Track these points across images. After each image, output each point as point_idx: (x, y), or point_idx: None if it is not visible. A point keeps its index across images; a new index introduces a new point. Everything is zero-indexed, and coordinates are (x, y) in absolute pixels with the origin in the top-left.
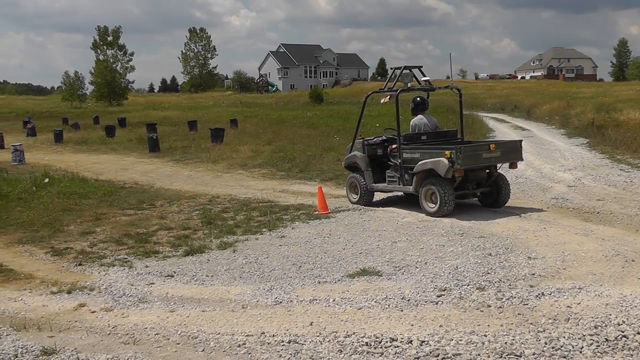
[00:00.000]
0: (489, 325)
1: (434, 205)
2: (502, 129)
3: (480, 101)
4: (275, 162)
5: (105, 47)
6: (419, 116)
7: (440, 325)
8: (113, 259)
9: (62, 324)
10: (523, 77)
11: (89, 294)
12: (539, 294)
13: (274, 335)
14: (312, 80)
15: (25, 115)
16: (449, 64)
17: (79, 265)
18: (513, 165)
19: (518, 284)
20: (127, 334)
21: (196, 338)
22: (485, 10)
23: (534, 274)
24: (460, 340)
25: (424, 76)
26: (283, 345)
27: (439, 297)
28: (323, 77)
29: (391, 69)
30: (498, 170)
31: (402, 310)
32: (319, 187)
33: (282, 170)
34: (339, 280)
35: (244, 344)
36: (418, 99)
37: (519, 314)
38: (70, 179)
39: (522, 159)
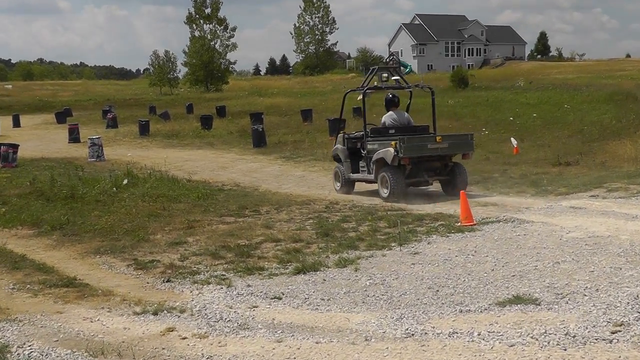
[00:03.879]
0: None
1: (386, 191)
2: None
3: None
4: None
5: (202, 21)
6: (390, 112)
7: None
8: (208, 275)
9: (147, 351)
10: None
11: (178, 316)
12: None
13: None
14: (454, 59)
15: (105, 104)
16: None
17: (167, 281)
18: (465, 156)
19: None
20: None
21: None
22: None
23: None
24: None
25: (396, 75)
26: None
27: (613, 333)
28: (468, 55)
29: (371, 68)
30: (453, 160)
31: (565, 350)
32: (462, 192)
33: None
34: (485, 309)
35: None
36: (389, 95)
37: None
38: (158, 179)
39: (472, 150)
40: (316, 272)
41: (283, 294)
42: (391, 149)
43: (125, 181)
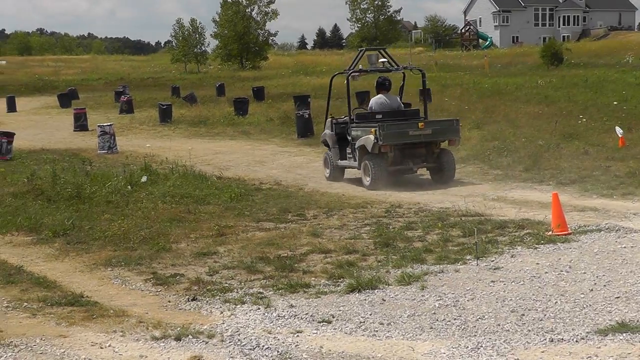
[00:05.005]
0: None
1: (368, 179)
2: None
3: None
4: (487, 155)
5: None
6: (379, 95)
7: None
8: (242, 293)
9: None
10: None
11: (206, 342)
12: None
13: None
14: (545, 29)
15: (118, 84)
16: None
17: (192, 300)
18: (451, 143)
19: None
20: None
21: None
22: None
23: None
24: None
25: (384, 58)
26: None
27: None
28: (563, 24)
29: (359, 50)
30: (440, 147)
31: None
32: (554, 194)
33: (497, 167)
34: (582, 339)
35: None
36: (380, 79)
37: None
38: (182, 176)
39: (458, 137)
40: (374, 290)
41: (333, 317)
42: (371, 136)
43: (144, 178)
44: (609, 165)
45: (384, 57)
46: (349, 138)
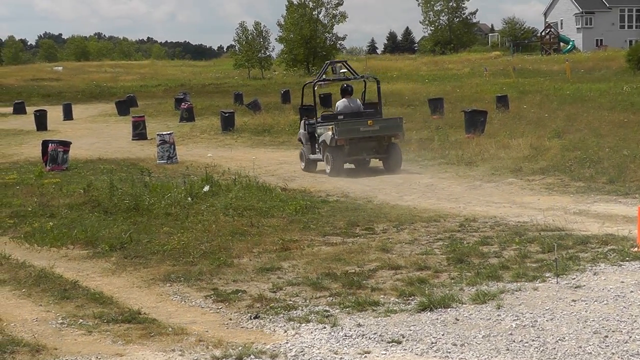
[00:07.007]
0: None
1: (329, 167)
2: None
3: None
4: (568, 166)
5: None
6: (343, 99)
7: None
8: (307, 310)
9: None
10: None
11: None
12: None
13: None
14: (632, 32)
15: (178, 90)
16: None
17: (255, 318)
18: (396, 137)
19: None
20: None
21: None
22: None
23: None
24: None
25: (346, 69)
26: None
27: None
28: None
29: (326, 62)
30: (391, 141)
31: None
32: None
33: (579, 179)
34: None
35: None
36: (344, 85)
37: None
38: (245, 187)
39: (401, 132)
40: (446, 309)
41: (403, 337)
42: (329, 132)
43: (206, 188)
44: None
45: (345, 68)
46: (317, 135)
